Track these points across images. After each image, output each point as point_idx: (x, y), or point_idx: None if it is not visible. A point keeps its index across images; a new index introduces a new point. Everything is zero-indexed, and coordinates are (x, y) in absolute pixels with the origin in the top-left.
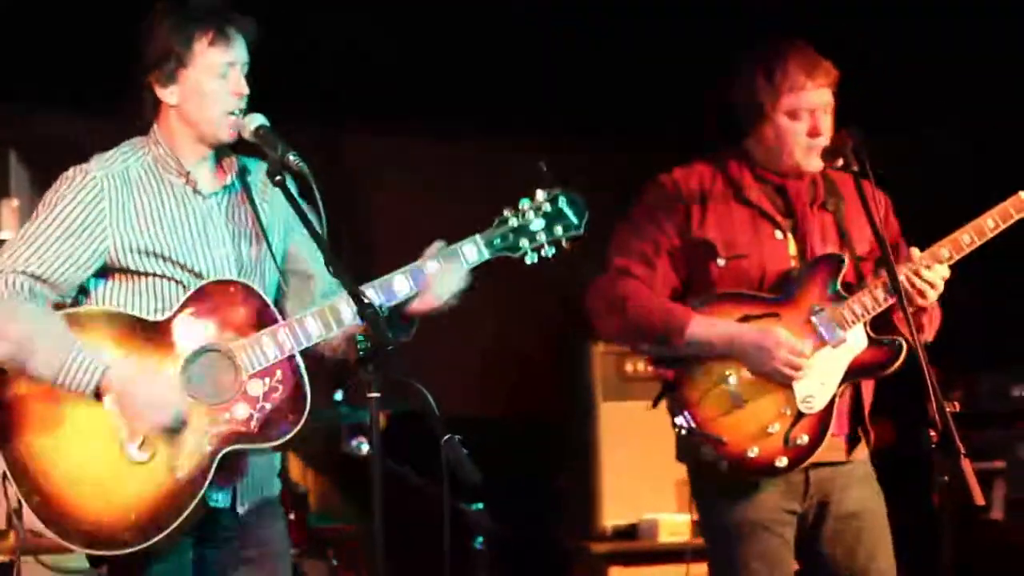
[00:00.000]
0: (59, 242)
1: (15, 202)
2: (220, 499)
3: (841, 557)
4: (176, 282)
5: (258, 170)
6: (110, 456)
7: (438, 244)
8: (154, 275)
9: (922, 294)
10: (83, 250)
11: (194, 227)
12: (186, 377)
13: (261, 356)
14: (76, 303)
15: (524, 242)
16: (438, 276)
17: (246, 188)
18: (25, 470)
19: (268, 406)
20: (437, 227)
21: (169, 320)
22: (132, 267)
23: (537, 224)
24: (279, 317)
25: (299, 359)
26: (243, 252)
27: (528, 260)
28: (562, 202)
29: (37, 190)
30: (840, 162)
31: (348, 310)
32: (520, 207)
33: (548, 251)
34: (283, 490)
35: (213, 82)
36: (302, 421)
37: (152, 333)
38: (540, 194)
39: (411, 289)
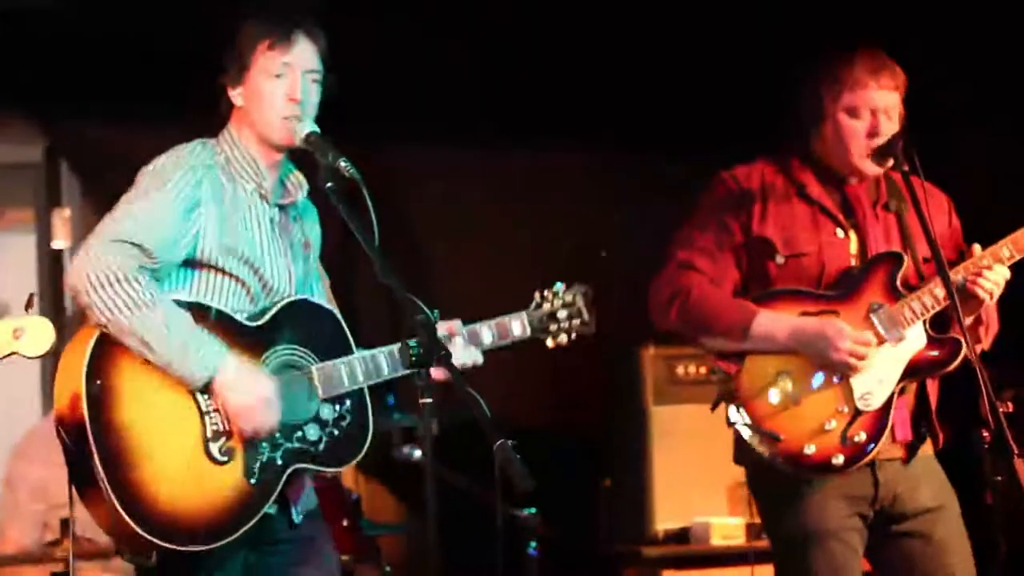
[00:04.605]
0: (165, 218)
1: (66, 212)
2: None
3: (916, 555)
4: (241, 284)
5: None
6: (193, 453)
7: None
8: (227, 273)
9: (990, 293)
10: (183, 231)
11: (262, 232)
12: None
13: (337, 383)
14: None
15: (553, 327)
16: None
17: (340, 209)
18: (115, 459)
19: (336, 432)
20: (479, 237)
21: (262, 327)
22: (212, 262)
23: (562, 314)
24: (354, 348)
25: (367, 393)
26: (297, 268)
27: (549, 344)
28: (580, 301)
29: (88, 200)
30: (891, 162)
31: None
32: (548, 295)
33: (562, 339)
34: (335, 497)
35: (268, 83)
36: (360, 454)
37: (247, 337)
38: (564, 290)
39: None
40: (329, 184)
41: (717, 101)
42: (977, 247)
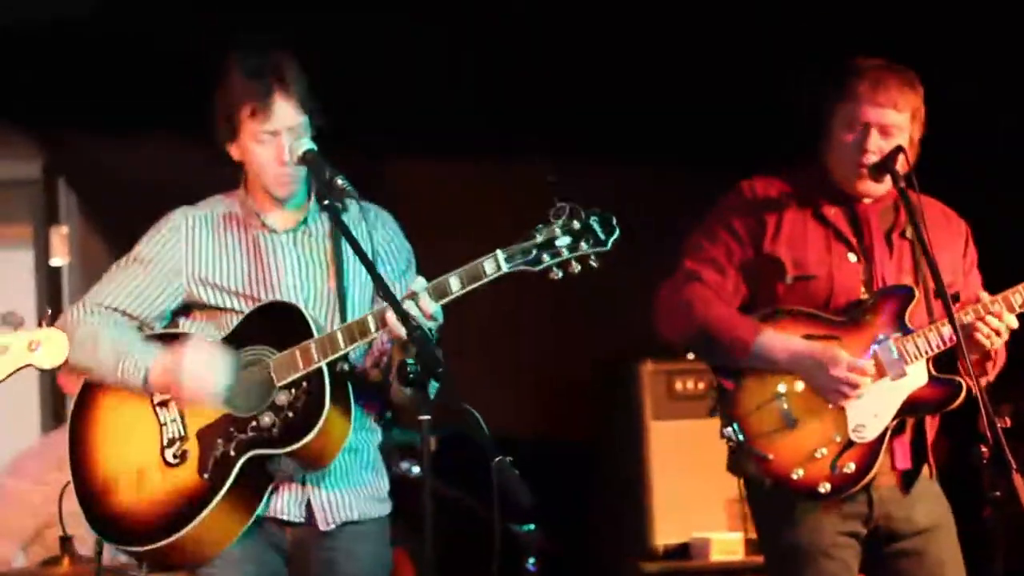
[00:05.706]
0: (134, 278)
1: (64, 229)
2: (288, 511)
3: (911, 575)
4: (236, 313)
5: (352, 208)
6: (150, 456)
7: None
8: (226, 310)
9: (990, 338)
10: (156, 285)
11: (262, 260)
12: (227, 391)
13: (292, 367)
14: None
15: (546, 257)
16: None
17: (336, 224)
18: (81, 461)
19: (290, 414)
20: (479, 241)
21: (225, 340)
22: (206, 301)
23: (563, 240)
24: (315, 332)
25: (326, 372)
26: (316, 284)
27: (553, 276)
28: (591, 219)
29: (86, 217)
30: (888, 179)
31: (373, 322)
32: (549, 223)
33: (576, 268)
34: None
35: (258, 148)
36: (313, 428)
37: None
38: (564, 214)
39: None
40: (326, 201)
41: (725, 107)
42: (985, 294)
